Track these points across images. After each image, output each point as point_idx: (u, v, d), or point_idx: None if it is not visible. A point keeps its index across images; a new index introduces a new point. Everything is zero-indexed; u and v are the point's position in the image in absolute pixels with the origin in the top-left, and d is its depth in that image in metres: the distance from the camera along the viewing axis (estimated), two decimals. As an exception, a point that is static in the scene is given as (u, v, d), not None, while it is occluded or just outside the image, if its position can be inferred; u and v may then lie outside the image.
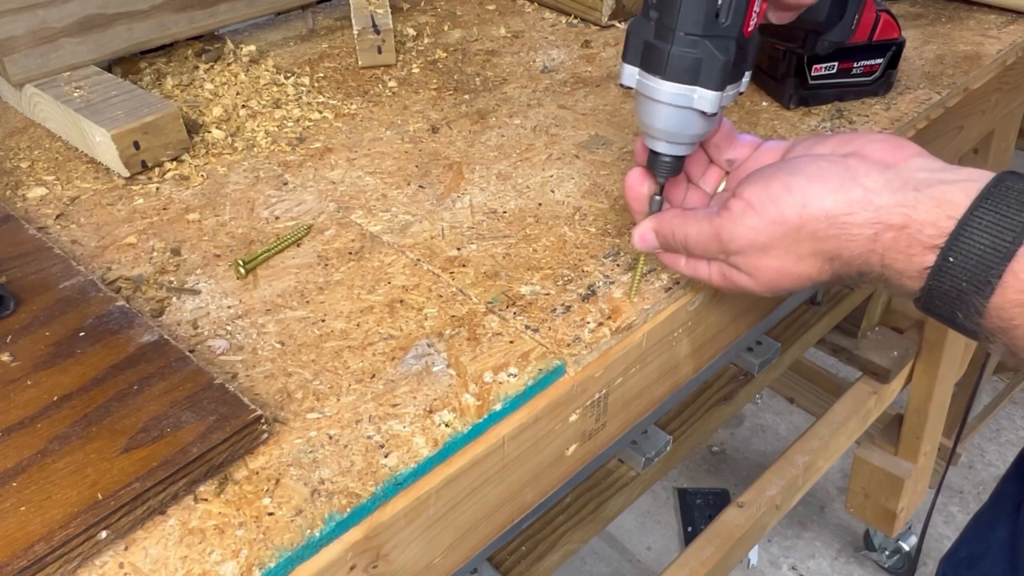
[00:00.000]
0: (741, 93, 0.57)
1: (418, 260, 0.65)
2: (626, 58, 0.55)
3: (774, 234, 0.51)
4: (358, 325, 0.59)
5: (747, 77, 0.56)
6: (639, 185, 0.59)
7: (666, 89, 0.53)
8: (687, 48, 0.52)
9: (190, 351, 0.54)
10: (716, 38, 0.51)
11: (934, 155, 0.52)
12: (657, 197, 0.58)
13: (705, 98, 0.53)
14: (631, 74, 0.55)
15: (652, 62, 0.53)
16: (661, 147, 0.56)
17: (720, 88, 0.52)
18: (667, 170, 0.57)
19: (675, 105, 0.53)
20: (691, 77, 0.52)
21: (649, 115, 0.55)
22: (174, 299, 0.61)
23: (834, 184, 0.50)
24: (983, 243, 0.45)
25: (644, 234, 0.59)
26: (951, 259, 0.46)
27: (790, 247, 0.51)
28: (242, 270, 0.63)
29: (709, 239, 0.54)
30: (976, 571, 0.88)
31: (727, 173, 0.62)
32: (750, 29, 0.53)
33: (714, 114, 0.54)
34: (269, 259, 0.65)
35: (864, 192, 0.49)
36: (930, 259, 0.47)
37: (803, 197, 0.50)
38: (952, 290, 0.47)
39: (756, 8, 0.52)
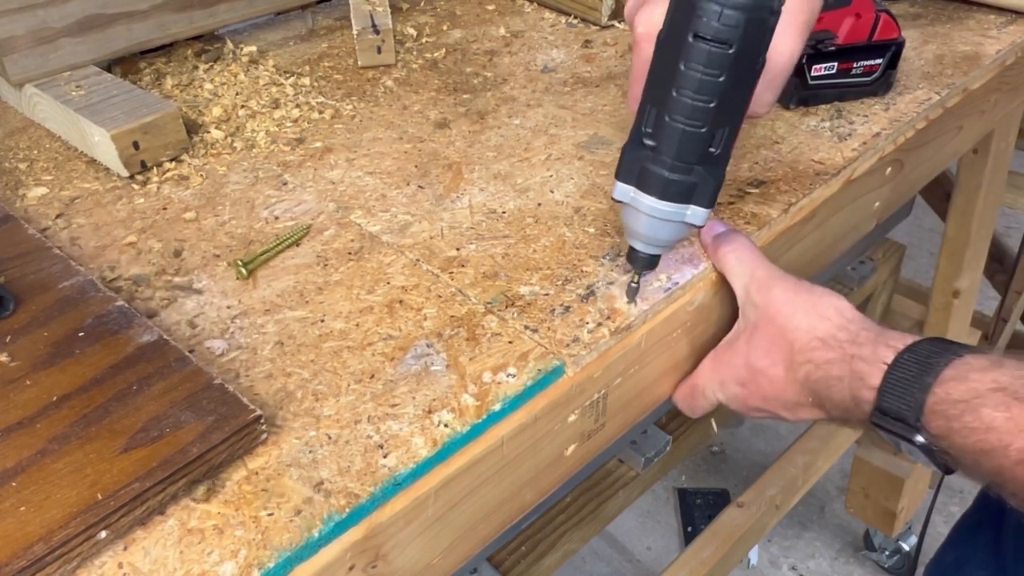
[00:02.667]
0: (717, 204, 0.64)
1: (417, 260, 0.65)
2: (620, 176, 0.58)
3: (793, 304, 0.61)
4: (357, 325, 0.59)
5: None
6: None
7: (662, 208, 0.57)
8: (683, 175, 0.56)
9: (189, 351, 0.54)
10: (709, 165, 0.56)
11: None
12: (634, 285, 0.61)
13: (697, 214, 0.58)
14: (625, 191, 0.58)
15: (649, 184, 0.57)
16: (641, 247, 0.60)
17: (711, 206, 0.57)
18: (643, 264, 0.60)
19: (668, 220, 0.58)
20: (686, 198, 0.57)
21: (641, 224, 0.59)
22: (173, 299, 0.61)
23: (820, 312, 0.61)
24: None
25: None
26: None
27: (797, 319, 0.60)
28: (243, 271, 0.63)
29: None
30: (962, 575, 0.88)
31: None
32: (731, 151, 0.58)
33: (702, 226, 0.59)
34: (269, 259, 0.65)
35: (844, 315, 0.60)
36: (890, 355, 0.55)
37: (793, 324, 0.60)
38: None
39: (738, 132, 0.57)
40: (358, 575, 0.48)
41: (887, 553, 1.77)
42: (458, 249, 0.66)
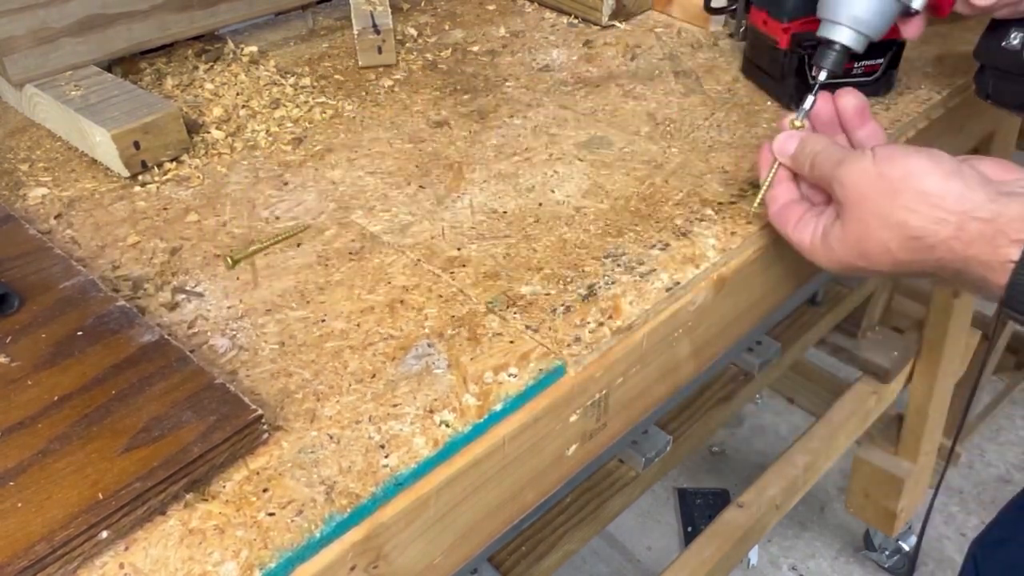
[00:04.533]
0: (916, 12, 0.62)
1: (418, 260, 0.65)
2: None
3: (876, 187, 0.56)
4: (358, 325, 0.59)
5: None
6: (789, 140, 0.64)
7: None
8: None
9: (190, 351, 0.54)
10: None
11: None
12: (812, 97, 0.61)
13: None
14: None
15: None
16: (845, 37, 0.59)
17: None
18: (831, 63, 0.59)
19: None
20: None
21: (849, 3, 0.57)
22: (174, 299, 0.61)
23: (943, 170, 0.54)
24: None
25: (788, 139, 0.63)
26: None
27: (883, 205, 0.55)
28: (229, 260, 0.63)
29: (831, 163, 0.59)
30: (1002, 554, 0.88)
31: None
32: None
33: (916, 12, 0.58)
34: (258, 252, 0.65)
35: (963, 186, 0.53)
36: (1015, 252, 0.50)
37: (913, 167, 0.54)
38: None
39: None
40: (359, 575, 0.48)
41: (887, 553, 1.77)
42: (459, 249, 0.66)
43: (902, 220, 0.54)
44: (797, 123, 0.65)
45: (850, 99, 0.65)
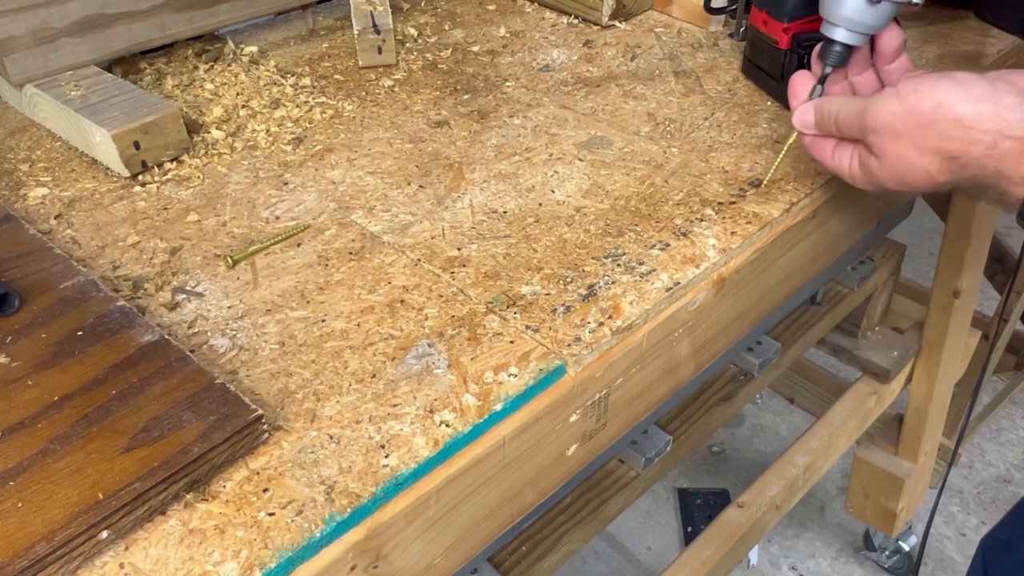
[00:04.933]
0: (917, 4, 0.64)
1: (418, 260, 0.65)
2: None
3: (907, 122, 0.57)
4: (358, 325, 0.59)
5: None
6: (801, 86, 0.67)
7: None
8: None
9: (190, 351, 0.54)
10: None
11: None
12: (819, 87, 0.63)
13: None
14: None
15: None
16: (839, 34, 0.62)
17: None
18: (836, 59, 0.63)
19: None
20: None
21: (838, 3, 0.61)
22: (174, 299, 0.61)
23: (974, 94, 0.55)
24: None
25: (804, 110, 0.66)
26: None
27: (918, 139, 0.57)
28: (229, 260, 0.63)
29: (854, 116, 0.61)
30: (1012, 554, 0.88)
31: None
32: None
33: (892, 4, 0.60)
34: (258, 252, 0.65)
35: (996, 107, 0.54)
36: None
37: (942, 97, 0.56)
38: None
39: None
40: (359, 575, 0.48)
41: (887, 553, 1.77)
42: (459, 249, 0.66)
43: (940, 147, 0.56)
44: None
45: (893, 36, 0.66)
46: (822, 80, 0.65)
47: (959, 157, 0.56)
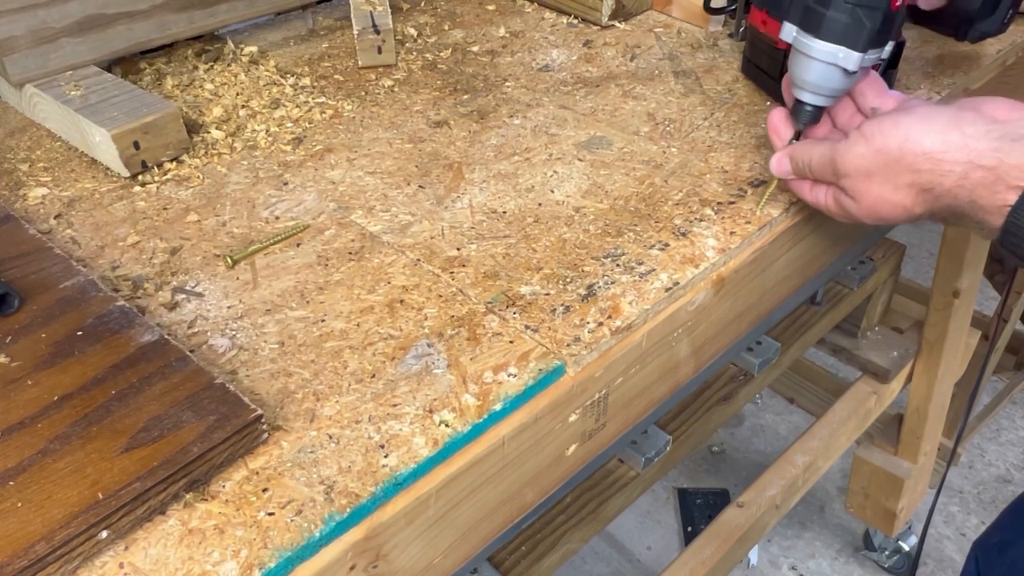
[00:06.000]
0: (883, 59, 0.66)
1: (418, 260, 0.65)
2: (788, 17, 0.64)
3: (877, 162, 0.59)
4: (358, 325, 0.59)
5: (890, 46, 0.65)
6: (782, 125, 0.69)
7: (818, 47, 0.62)
8: (841, 14, 0.61)
9: (190, 351, 0.54)
10: (866, 8, 0.61)
11: None
12: (794, 141, 0.66)
13: (850, 58, 0.62)
14: (789, 31, 0.64)
15: (810, 23, 0.63)
16: (806, 97, 0.65)
17: (863, 51, 0.62)
18: (807, 118, 0.65)
19: (824, 61, 0.62)
20: (840, 38, 0.61)
21: (801, 68, 0.64)
22: (174, 299, 0.61)
23: (938, 126, 0.57)
24: None
25: (780, 159, 0.67)
26: None
27: (890, 176, 0.59)
28: (229, 260, 0.63)
29: (827, 162, 0.62)
30: (1004, 557, 0.88)
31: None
32: (897, 5, 0.62)
33: (854, 72, 0.62)
34: (258, 252, 0.65)
35: (962, 137, 0.55)
36: (1012, 197, 0.54)
37: (907, 132, 0.57)
38: None
39: None
40: (359, 575, 0.48)
41: (887, 553, 1.77)
42: (459, 249, 0.66)
43: (912, 181, 0.57)
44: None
45: (866, 91, 0.68)
46: (797, 136, 0.67)
47: (932, 189, 0.57)
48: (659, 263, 0.64)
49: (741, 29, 0.94)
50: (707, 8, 0.97)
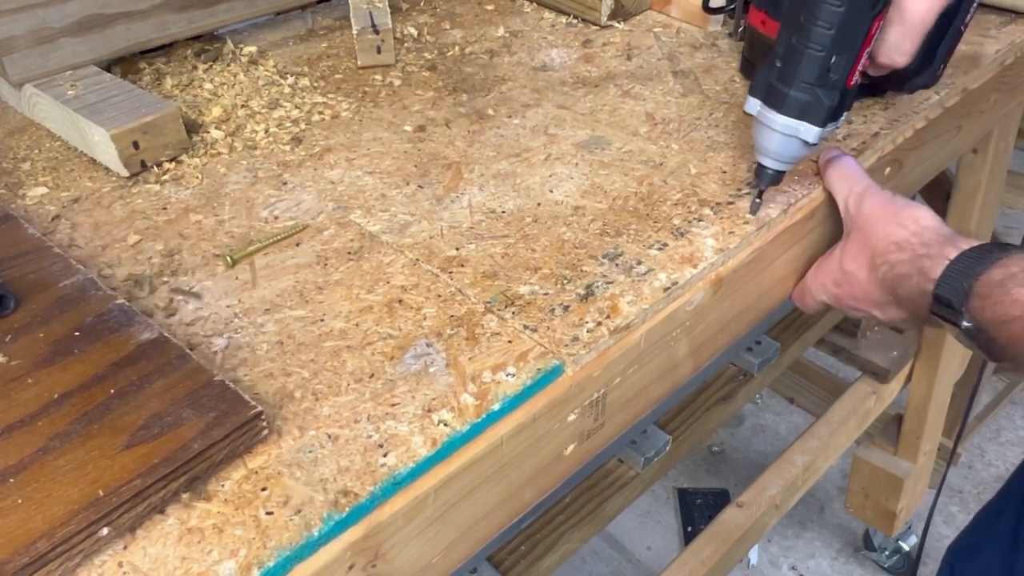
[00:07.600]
0: (837, 128, 0.74)
1: (417, 260, 0.65)
2: (752, 92, 0.69)
3: (842, 276, 0.70)
4: (357, 325, 0.59)
5: (844, 117, 0.70)
6: None
7: (780, 121, 0.67)
8: (802, 93, 0.66)
9: (190, 349, 0.54)
10: (825, 88, 0.65)
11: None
12: (757, 200, 0.70)
13: (810, 131, 0.66)
14: (754, 104, 0.69)
15: (773, 99, 0.67)
16: (768, 162, 0.69)
17: (823, 125, 0.67)
18: (769, 180, 0.69)
19: (785, 134, 0.67)
20: (801, 114, 0.66)
21: (764, 138, 0.68)
22: (173, 299, 0.61)
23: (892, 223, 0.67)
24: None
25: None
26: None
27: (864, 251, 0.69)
28: (228, 260, 0.63)
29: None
30: (976, 562, 0.89)
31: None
32: (852, 82, 0.67)
33: (814, 144, 0.67)
34: (257, 252, 0.65)
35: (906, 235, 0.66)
36: (954, 253, 0.61)
37: (867, 232, 0.68)
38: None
39: (859, 67, 0.66)
40: (358, 574, 0.48)
41: (887, 553, 1.77)
42: (458, 249, 0.66)
43: (891, 232, 0.66)
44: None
45: (825, 155, 0.75)
46: (759, 195, 0.70)
47: (886, 253, 0.66)
48: (658, 263, 0.64)
49: (740, 29, 0.94)
50: (706, 8, 0.97)
